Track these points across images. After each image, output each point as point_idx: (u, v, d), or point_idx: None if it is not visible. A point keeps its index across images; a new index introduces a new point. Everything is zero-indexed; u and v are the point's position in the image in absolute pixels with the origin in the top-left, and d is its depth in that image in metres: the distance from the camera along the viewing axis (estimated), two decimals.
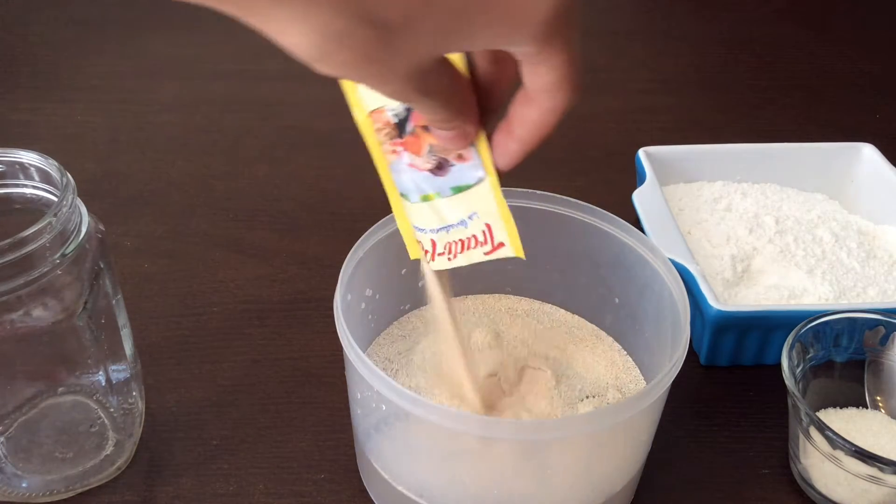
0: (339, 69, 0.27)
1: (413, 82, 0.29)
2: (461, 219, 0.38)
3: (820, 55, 0.93)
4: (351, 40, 0.26)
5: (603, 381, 0.48)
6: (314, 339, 0.55)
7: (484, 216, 0.37)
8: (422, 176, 0.37)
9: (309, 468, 0.47)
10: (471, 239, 0.38)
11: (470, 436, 0.38)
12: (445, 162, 0.36)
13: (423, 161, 0.37)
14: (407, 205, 0.38)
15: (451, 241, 0.38)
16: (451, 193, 0.37)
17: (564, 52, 0.30)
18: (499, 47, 0.30)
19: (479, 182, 0.36)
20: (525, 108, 0.33)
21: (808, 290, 0.54)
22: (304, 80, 0.86)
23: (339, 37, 0.25)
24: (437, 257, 0.39)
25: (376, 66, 0.27)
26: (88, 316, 0.42)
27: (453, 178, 0.37)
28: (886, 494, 0.42)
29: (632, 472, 0.43)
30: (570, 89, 0.31)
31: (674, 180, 0.65)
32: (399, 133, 0.37)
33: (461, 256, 0.38)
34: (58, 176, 0.40)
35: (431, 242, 0.39)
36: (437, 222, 0.38)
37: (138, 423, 0.48)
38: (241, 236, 0.64)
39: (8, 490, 0.44)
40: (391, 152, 0.37)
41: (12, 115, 0.78)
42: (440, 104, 0.32)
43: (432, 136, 0.36)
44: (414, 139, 0.36)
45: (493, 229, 0.37)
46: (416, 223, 0.39)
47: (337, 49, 0.26)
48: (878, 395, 0.49)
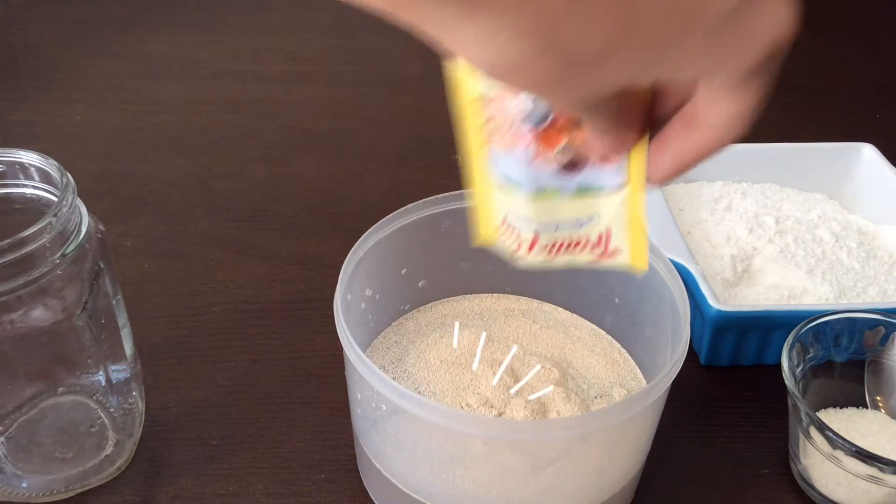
0: (512, 85, 0.25)
1: (587, 104, 0.27)
2: (578, 219, 0.36)
3: (820, 55, 0.93)
4: (535, 69, 0.24)
5: (606, 381, 0.48)
6: (314, 339, 0.55)
7: (606, 221, 0.35)
8: (545, 170, 0.35)
9: (309, 468, 0.47)
10: (582, 241, 0.36)
11: (470, 435, 0.38)
12: (581, 161, 0.34)
13: (555, 156, 0.34)
14: (507, 197, 0.36)
15: (558, 238, 0.36)
16: (573, 193, 0.35)
17: (759, 91, 0.28)
18: (692, 80, 0.28)
19: (617, 188, 0.35)
20: (691, 130, 0.30)
21: (808, 290, 0.54)
22: (304, 80, 0.87)
23: (524, 65, 0.24)
24: (535, 250, 0.37)
25: (554, 90, 0.25)
26: (88, 316, 0.42)
27: (584, 179, 0.35)
28: (886, 494, 0.42)
29: (632, 471, 0.43)
30: (746, 125, 0.29)
31: (674, 180, 0.64)
32: (534, 122, 0.34)
33: (564, 255, 0.37)
34: (58, 176, 0.40)
35: (534, 235, 0.37)
36: (547, 216, 0.36)
37: (138, 423, 0.48)
38: (241, 236, 0.64)
39: (8, 490, 0.44)
40: (510, 138, 0.34)
41: (12, 115, 0.78)
42: (609, 120, 0.30)
43: (578, 134, 0.33)
44: (552, 132, 0.34)
45: (612, 235, 0.36)
46: (521, 212, 0.36)
47: (517, 74, 0.24)
48: (878, 395, 0.49)
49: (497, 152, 0.35)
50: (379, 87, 0.84)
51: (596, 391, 0.47)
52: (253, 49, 0.89)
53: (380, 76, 0.86)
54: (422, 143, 0.76)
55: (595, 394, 0.46)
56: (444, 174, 0.72)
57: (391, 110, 0.81)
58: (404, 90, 0.84)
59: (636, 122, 0.31)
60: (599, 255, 0.36)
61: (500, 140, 0.35)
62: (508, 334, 0.50)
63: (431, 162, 0.73)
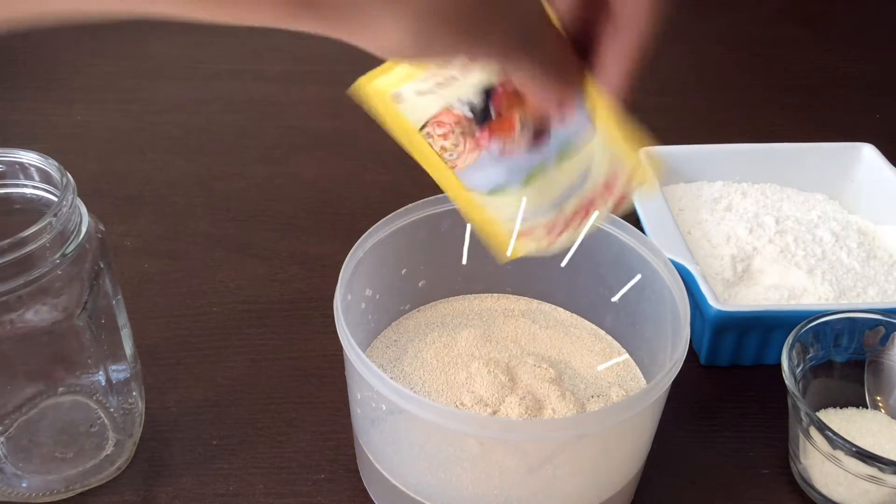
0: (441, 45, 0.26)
1: (518, 40, 0.28)
2: (575, 182, 0.35)
3: (820, 55, 0.93)
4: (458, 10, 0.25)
5: (605, 381, 0.48)
6: (314, 339, 0.55)
7: (600, 166, 0.35)
8: (518, 156, 0.34)
9: (309, 468, 0.47)
10: (594, 196, 0.35)
11: (470, 435, 0.38)
12: (545, 127, 0.34)
13: (519, 138, 0.34)
14: (504, 200, 0.36)
15: (571, 208, 0.36)
16: (556, 161, 0.35)
17: None
18: None
19: (592, 132, 0.34)
20: (618, 33, 0.31)
21: (808, 290, 0.54)
22: (304, 80, 0.87)
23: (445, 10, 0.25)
24: (556, 231, 0.36)
25: (483, 29, 0.26)
26: (88, 316, 0.42)
27: (558, 143, 0.34)
28: (886, 494, 0.42)
29: (632, 471, 0.43)
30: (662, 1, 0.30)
31: (674, 180, 0.65)
32: (480, 121, 0.34)
33: (586, 220, 0.36)
34: (58, 176, 0.40)
35: (547, 226, 0.36)
36: (548, 195, 0.35)
37: (138, 423, 0.48)
38: (241, 236, 0.64)
39: (8, 490, 0.44)
40: (471, 150, 0.34)
41: (12, 115, 0.78)
42: (543, 53, 0.30)
43: (527, 105, 0.33)
44: (502, 120, 0.34)
45: (614, 173, 0.35)
46: (523, 206, 0.36)
47: (443, 27, 0.25)
48: (878, 395, 0.49)
49: (467, 170, 0.35)
50: None
51: (593, 391, 0.47)
52: (253, 49, 0.89)
53: None
54: None
55: (591, 393, 0.46)
56: None
57: None
58: None
59: (567, 49, 0.32)
60: (615, 199, 0.36)
61: (464, 158, 0.34)
62: (508, 334, 0.50)
63: None
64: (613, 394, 0.46)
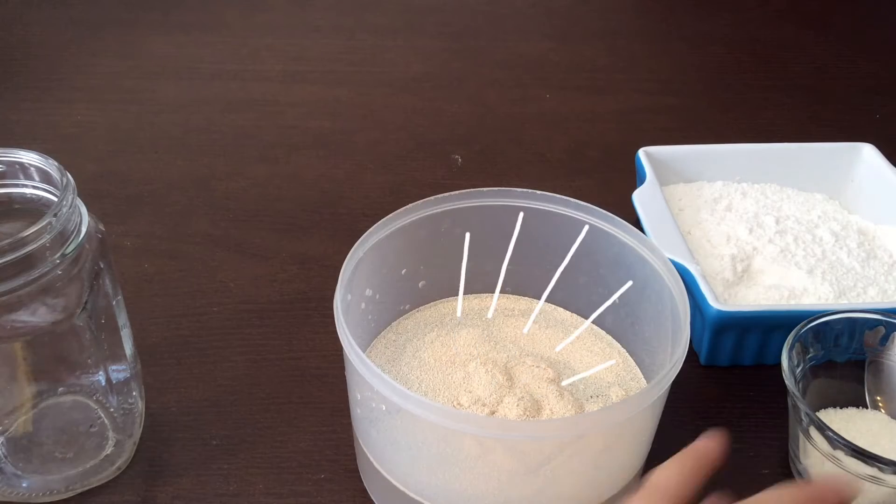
0: None
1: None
2: None
3: (820, 55, 0.93)
4: None
5: (605, 381, 0.48)
6: (314, 339, 0.55)
7: None
8: None
9: (309, 468, 0.47)
10: None
11: (468, 435, 0.38)
12: None
13: None
14: None
15: None
16: None
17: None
18: None
19: None
20: None
21: (808, 290, 0.54)
22: (304, 80, 0.87)
23: None
24: None
25: None
26: (88, 316, 0.42)
27: None
28: (886, 494, 0.42)
29: (632, 471, 0.43)
30: None
31: (674, 180, 0.65)
32: None
33: None
34: (58, 176, 0.40)
35: None
36: None
37: (138, 423, 0.48)
38: (241, 236, 0.64)
39: (8, 490, 0.44)
40: None
41: (12, 115, 0.78)
42: None
43: None
44: None
45: None
46: None
47: None
48: (878, 395, 0.49)
49: None
50: (379, 87, 0.84)
51: (592, 391, 0.47)
52: (253, 49, 0.89)
53: (380, 76, 0.86)
54: (422, 143, 0.76)
55: (591, 393, 0.46)
56: (444, 174, 0.72)
57: (391, 110, 0.81)
58: (404, 90, 0.84)
59: None
60: None
61: None
62: (507, 334, 0.50)
63: (431, 162, 0.74)
64: (613, 394, 0.46)
